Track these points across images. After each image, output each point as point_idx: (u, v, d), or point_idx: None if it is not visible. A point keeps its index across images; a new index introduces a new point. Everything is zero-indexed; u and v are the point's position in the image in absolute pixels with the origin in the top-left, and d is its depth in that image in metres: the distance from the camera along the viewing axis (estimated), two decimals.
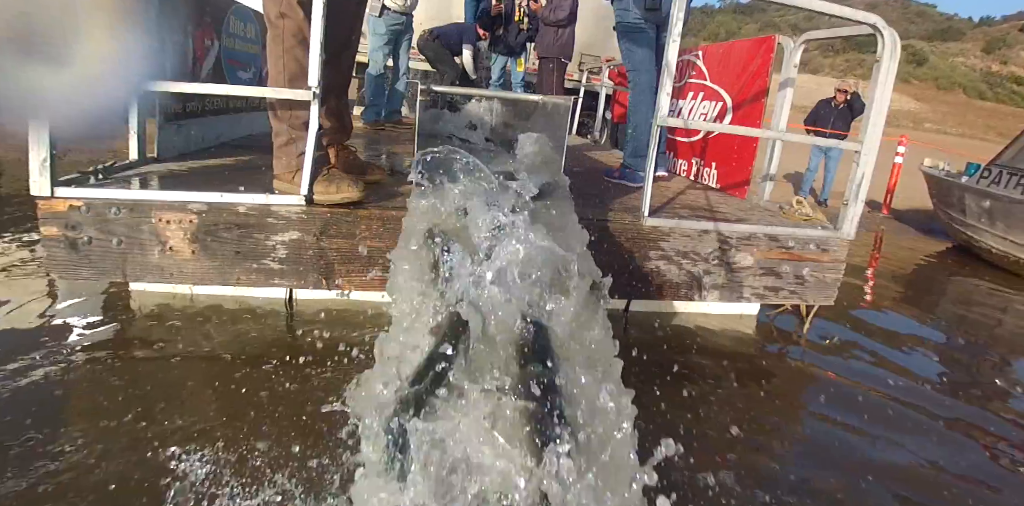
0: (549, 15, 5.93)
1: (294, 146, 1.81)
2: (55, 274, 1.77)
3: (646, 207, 2.07)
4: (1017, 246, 4.66)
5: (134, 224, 1.73)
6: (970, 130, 34.00)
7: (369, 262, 1.86)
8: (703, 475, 1.38)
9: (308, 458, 1.27)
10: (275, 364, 1.70)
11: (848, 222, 2.26)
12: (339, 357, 1.69)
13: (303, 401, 1.52)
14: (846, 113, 7.30)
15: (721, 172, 3.26)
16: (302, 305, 2.21)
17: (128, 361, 1.69)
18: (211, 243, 1.79)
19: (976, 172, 5.23)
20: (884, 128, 2.22)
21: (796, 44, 2.61)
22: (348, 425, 1.15)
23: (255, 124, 3.57)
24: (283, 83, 1.77)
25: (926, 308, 3.64)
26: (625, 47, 2.93)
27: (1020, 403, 2.22)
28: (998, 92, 43.95)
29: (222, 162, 2.52)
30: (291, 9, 1.69)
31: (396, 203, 1.92)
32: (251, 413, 1.44)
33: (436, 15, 7.17)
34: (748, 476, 1.44)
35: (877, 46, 2.05)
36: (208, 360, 1.74)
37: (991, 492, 1.56)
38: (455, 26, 6.22)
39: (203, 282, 1.85)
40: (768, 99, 2.91)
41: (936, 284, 4.50)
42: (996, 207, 4.82)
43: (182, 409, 1.45)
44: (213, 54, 2.74)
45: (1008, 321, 3.61)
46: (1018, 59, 50.65)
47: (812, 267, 2.28)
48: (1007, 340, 3.21)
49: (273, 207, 1.78)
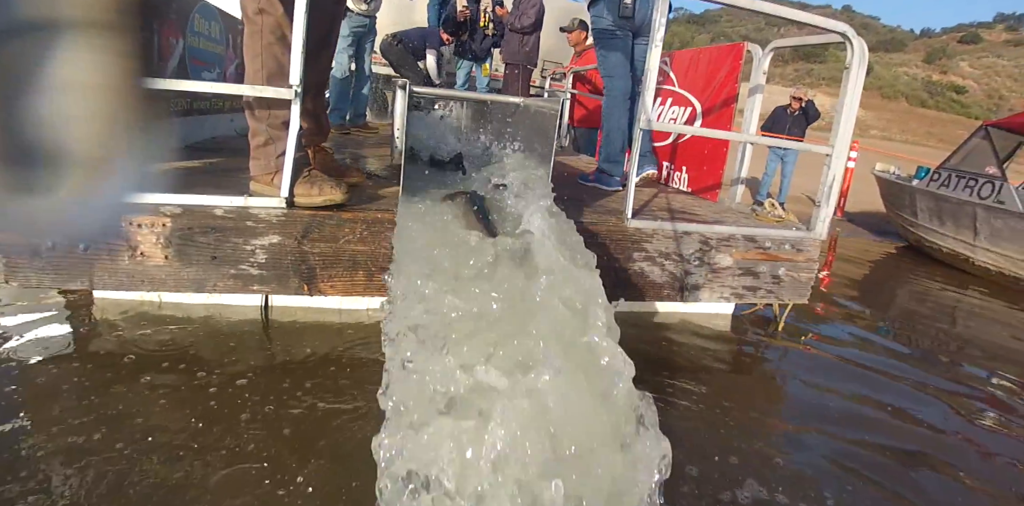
0: (515, 21, 5.96)
1: (273, 147, 1.75)
2: (14, 282, 1.65)
3: (629, 209, 2.08)
4: (966, 245, 4.91)
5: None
6: (913, 137, 35.82)
7: (353, 266, 1.81)
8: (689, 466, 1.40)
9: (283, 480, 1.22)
10: (251, 377, 1.62)
11: (820, 223, 2.33)
12: (319, 368, 1.64)
13: (281, 418, 1.44)
14: (801, 120, 7.58)
15: (692, 176, 3.33)
16: (278, 312, 2.13)
17: (92, 376, 1.58)
18: (186, 248, 1.71)
19: (926, 175, 5.50)
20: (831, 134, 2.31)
21: (765, 51, 2.69)
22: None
23: (219, 127, 3.46)
24: (261, 81, 1.70)
25: (884, 303, 3.82)
26: (600, 53, 2.97)
27: (974, 370, 2.39)
28: (938, 100, 46.47)
29: (189, 165, 2.42)
30: (270, 5, 1.63)
31: (379, 205, 1.88)
32: (226, 437, 1.35)
33: (398, 19, 7.09)
34: (741, 461, 1.46)
35: (846, 54, 2.13)
36: (180, 373, 1.64)
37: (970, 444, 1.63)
38: (418, 31, 6.17)
39: (177, 289, 1.76)
40: (737, 105, 2.99)
41: (891, 281, 4.69)
42: (945, 208, 5.07)
43: (153, 428, 1.36)
44: (178, 53, 2.64)
45: (959, 313, 3.82)
46: (957, 69, 53.79)
47: (787, 267, 2.34)
48: (960, 326, 3.38)
49: (252, 210, 1.71)
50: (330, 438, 1.37)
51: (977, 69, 54.44)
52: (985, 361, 2.77)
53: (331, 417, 1.46)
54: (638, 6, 2.65)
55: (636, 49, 2.93)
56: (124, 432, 1.32)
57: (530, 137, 2.14)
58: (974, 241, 4.83)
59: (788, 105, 7.72)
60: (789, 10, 2.08)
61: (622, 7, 2.64)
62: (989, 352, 2.94)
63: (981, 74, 53.56)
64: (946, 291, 4.38)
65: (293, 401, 1.52)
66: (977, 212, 4.73)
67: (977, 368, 2.63)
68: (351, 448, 1.34)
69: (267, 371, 1.66)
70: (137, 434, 1.32)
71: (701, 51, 3.31)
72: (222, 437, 1.34)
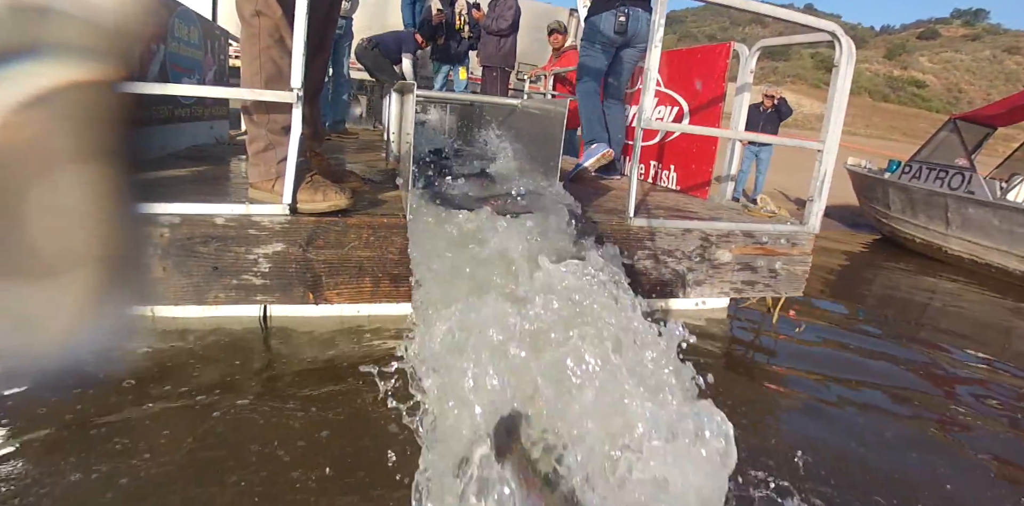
0: (492, 24, 5.96)
1: (274, 152, 1.70)
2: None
3: (631, 208, 2.09)
4: (938, 234, 5.07)
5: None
6: (877, 131, 36.96)
7: (360, 273, 1.77)
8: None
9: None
10: (251, 399, 1.56)
11: (814, 217, 2.38)
12: (325, 383, 1.59)
13: (285, 439, 1.39)
14: (774, 117, 7.73)
15: (681, 174, 3.36)
16: (278, 323, 2.08)
17: (94, 401, 1.50)
18: (185, 259, 1.65)
19: (898, 168, 5.66)
20: (801, 131, 2.37)
21: (752, 51, 2.73)
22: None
23: (199, 135, 3.37)
24: (259, 85, 1.66)
25: (863, 291, 3.97)
26: (584, 53, 3.17)
27: (954, 349, 2.60)
28: (900, 95, 48.08)
29: (175, 174, 2.35)
30: (267, 6, 1.59)
31: (384, 210, 1.85)
32: (228, 462, 1.29)
33: (371, 23, 7.03)
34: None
35: (835, 52, 2.17)
36: (175, 391, 1.57)
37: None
38: (393, 34, 6.12)
39: (176, 302, 1.70)
40: (724, 104, 3.03)
41: (868, 271, 4.82)
42: (918, 199, 5.23)
43: (146, 451, 1.30)
44: (158, 59, 2.56)
45: (935, 298, 3.97)
46: (917, 64, 55.71)
47: (784, 261, 2.38)
48: (935, 309, 3.53)
49: (255, 217, 1.66)
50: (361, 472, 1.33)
51: (936, 64, 56.45)
52: (962, 340, 2.95)
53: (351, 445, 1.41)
54: (629, 23, 2.99)
55: (625, 54, 3.14)
56: (115, 455, 1.26)
57: (534, 142, 2.12)
58: (946, 230, 4.99)
59: (760, 103, 7.87)
60: (782, 10, 2.12)
61: (617, 24, 2.95)
62: (964, 332, 3.12)
63: (940, 69, 55.55)
64: (921, 278, 4.53)
65: (292, 420, 1.47)
66: (948, 202, 4.89)
67: (957, 348, 2.82)
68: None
69: (271, 392, 1.59)
70: (128, 458, 1.26)
71: (687, 51, 3.35)
72: (219, 465, 1.29)
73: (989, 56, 59.77)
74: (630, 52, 3.16)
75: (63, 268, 0.37)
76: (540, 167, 1.85)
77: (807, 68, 56.16)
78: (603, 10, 3.03)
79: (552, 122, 1.82)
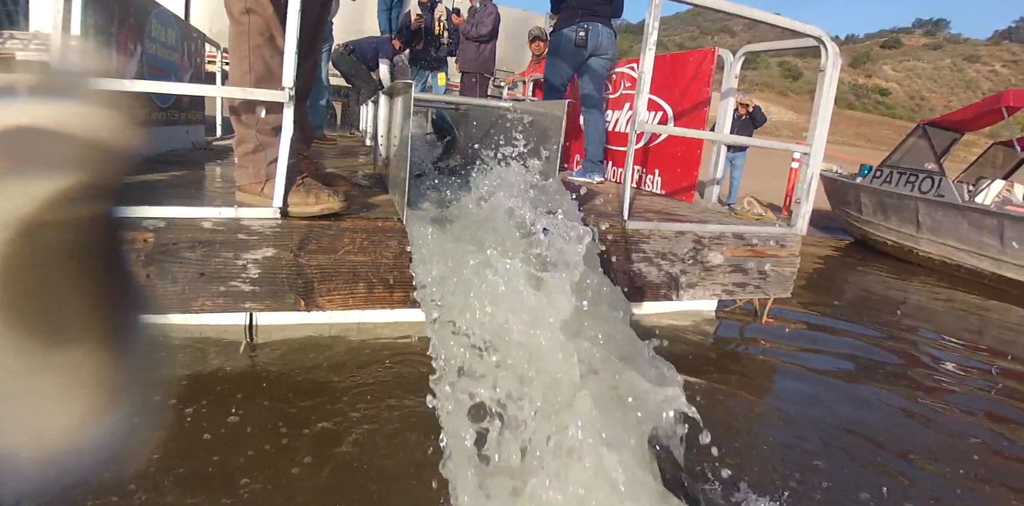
0: (472, 30, 5.95)
1: (263, 153, 1.64)
2: None
3: (626, 211, 2.09)
4: (910, 237, 5.21)
5: None
6: (842, 137, 38.11)
7: (353, 278, 1.72)
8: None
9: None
10: (239, 414, 1.50)
11: (801, 219, 2.41)
12: (316, 394, 1.54)
13: (278, 451, 1.34)
14: (748, 124, 7.88)
15: (665, 179, 3.38)
16: (264, 332, 2.01)
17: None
18: (170, 265, 1.58)
19: (869, 173, 5.81)
20: (771, 137, 2.43)
21: (736, 56, 2.77)
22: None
23: (175, 139, 3.28)
24: (249, 84, 1.60)
25: (839, 292, 4.10)
26: (549, 64, 3.40)
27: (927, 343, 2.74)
28: (864, 102, 49.76)
29: (155, 178, 2.26)
30: (258, 4, 1.54)
31: (376, 214, 1.80)
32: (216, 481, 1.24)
33: (348, 28, 6.95)
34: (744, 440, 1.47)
35: (821, 57, 2.22)
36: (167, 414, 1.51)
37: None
38: (370, 40, 6.07)
39: (160, 311, 1.62)
40: (709, 109, 3.06)
41: (844, 273, 4.93)
42: (889, 203, 5.37)
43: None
44: (136, 60, 2.47)
45: (909, 298, 4.08)
46: (880, 72, 57.71)
47: (773, 262, 2.40)
48: (910, 307, 3.62)
49: (244, 221, 1.60)
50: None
51: (899, 72, 58.56)
52: (938, 335, 3.13)
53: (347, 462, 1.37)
54: (589, 37, 3.17)
55: (591, 63, 3.30)
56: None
57: (531, 140, 2.10)
58: (917, 233, 5.13)
59: (735, 110, 8.02)
60: (771, 16, 2.15)
61: (577, 39, 3.18)
62: (941, 326, 3.34)
63: (903, 77, 57.64)
64: (894, 279, 4.65)
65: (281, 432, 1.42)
66: (919, 206, 5.04)
67: (931, 344, 3.00)
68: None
69: (259, 407, 1.54)
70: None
71: (672, 56, 3.38)
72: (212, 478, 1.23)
73: (950, 64, 62.31)
74: (598, 61, 3.31)
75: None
76: (537, 160, 1.83)
77: (775, 76, 57.70)
78: (565, 26, 3.23)
79: (552, 121, 1.80)
